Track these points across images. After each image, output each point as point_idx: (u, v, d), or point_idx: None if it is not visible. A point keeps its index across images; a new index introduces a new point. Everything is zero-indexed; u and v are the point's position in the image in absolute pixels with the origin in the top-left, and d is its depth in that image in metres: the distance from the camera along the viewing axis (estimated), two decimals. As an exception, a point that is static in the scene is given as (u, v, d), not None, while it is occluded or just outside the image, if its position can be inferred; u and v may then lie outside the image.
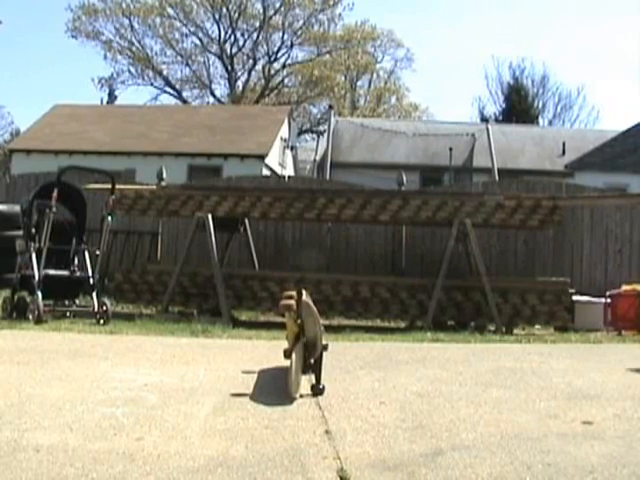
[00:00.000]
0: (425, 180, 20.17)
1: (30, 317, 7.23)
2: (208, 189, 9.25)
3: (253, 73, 39.59)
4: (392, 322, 8.94)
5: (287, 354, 3.93)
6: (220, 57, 38.71)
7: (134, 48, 37.64)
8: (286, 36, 38.25)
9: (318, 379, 3.95)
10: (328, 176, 19.89)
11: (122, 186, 9.10)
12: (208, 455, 2.79)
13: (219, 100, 38.02)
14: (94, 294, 7.72)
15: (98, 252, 8.06)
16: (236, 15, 37.86)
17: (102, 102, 36.49)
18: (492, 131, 22.68)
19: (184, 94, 38.83)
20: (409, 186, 11.42)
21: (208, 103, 37.43)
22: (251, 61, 39.02)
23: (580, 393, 4.15)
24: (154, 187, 9.46)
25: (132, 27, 37.31)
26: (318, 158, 22.64)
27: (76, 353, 5.26)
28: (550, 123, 37.21)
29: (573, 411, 3.65)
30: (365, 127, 24.14)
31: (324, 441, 3.03)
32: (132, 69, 37.97)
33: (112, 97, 38.75)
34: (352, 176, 17.08)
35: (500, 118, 34.20)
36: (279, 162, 22.61)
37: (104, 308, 7.59)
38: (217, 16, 37.95)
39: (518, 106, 34.30)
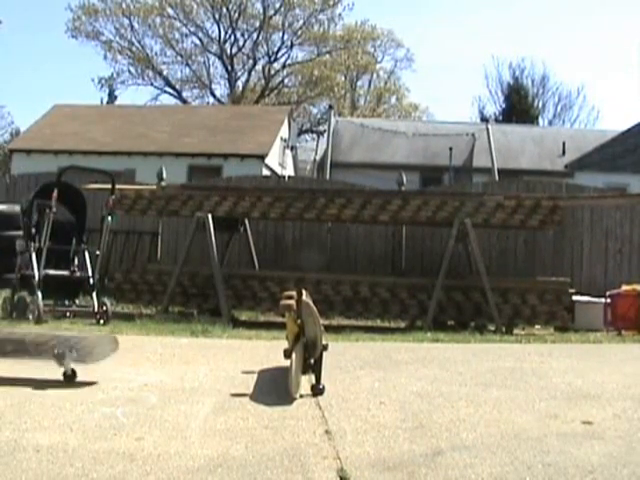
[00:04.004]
0: (425, 180, 20.15)
1: (30, 317, 7.24)
2: (208, 189, 9.25)
3: (253, 73, 39.59)
4: (392, 322, 8.95)
5: (287, 354, 3.93)
6: (220, 57, 38.70)
7: (134, 48, 37.62)
8: (286, 36, 38.25)
9: (318, 379, 3.95)
10: (328, 176, 19.87)
11: (122, 186, 9.10)
12: (208, 455, 2.79)
13: (219, 100, 38.01)
14: (94, 294, 7.73)
15: (98, 252, 8.06)
16: (236, 15, 37.83)
17: (102, 102, 36.51)
18: (492, 131, 22.66)
19: (184, 94, 38.83)
20: (409, 186, 11.41)
21: (208, 103, 37.42)
22: (251, 61, 39.00)
23: (580, 393, 4.15)
24: (154, 187, 9.46)
25: (132, 27, 37.29)
26: (318, 158, 22.63)
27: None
28: (550, 123, 37.19)
29: (573, 411, 3.65)
30: (365, 127, 24.13)
31: (324, 441, 3.03)
32: (132, 69, 37.95)
33: (112, 97, 38.72)
34: (352, 176, 17.05)
35: (500, 118, 34.17)
36: (279, 162, 22.60)
37: (104, 308, 7.60)
38: (217, 16, 37.93)
39: (518, 106, 34.28)
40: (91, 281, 7.87)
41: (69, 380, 3.95)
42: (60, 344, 4.07)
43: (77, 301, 8.09)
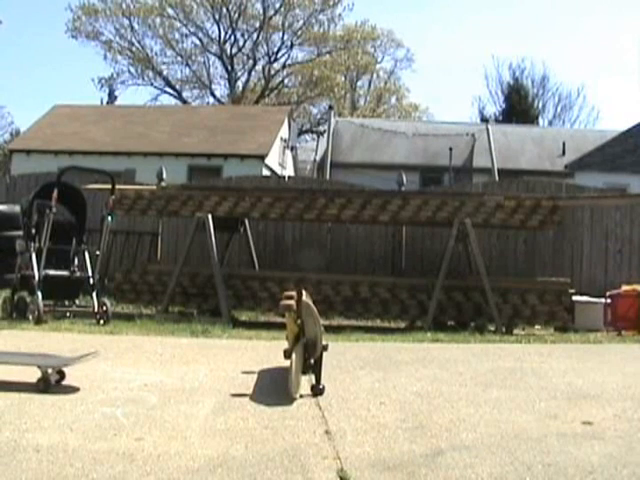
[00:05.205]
0: (425, 180, 20.17)
1: (30, 317, 7.23)
2: (208, 189, 9.25)
3: (253, 73, 39.59)
4: (392, 322, 8.94)
5: (287, 354, 3.93)
6: (220, 57, 38.70)
7: (134, 48, 37.61)
8: (286, 36, 38.25)
9: (318, 379, 3.95)
10: (328, 176, 19.88)
11: (122, 186, 9.10)
12: (208, 455, 2.79)
13: (219, 100, 38.01)
14: (94, 294, 7.73)
15: (98, 252, 8.06)
16: (236, 15, 37.84)
17: (102, 102, 36.54)
18: (492, 131, 22.67)
19: (184, 94, 38.83)
20: (409, 186, 11.41)
21: (208, 103, 37.42)
22: (251, 61, 39.00)
23: (580, 393, 4.15)
24: (154, 187, 9.46)
25: (132, 27, 37.28)
26: (318, 158, 22.63)
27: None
28: (550, 123, 37.21)
29: (573, 411, 3.65)
30: (365, 127, 24.14)
31: (324, 441, 3.03)
32: (132, 69, 37.97)
33: (112, 97, 38.75)
34: (352, 176, 17.07)
35: (500, 118, 34.20)
36: (279, 162, 22.59)
37: (104, 308, 7.59)
38: (217, 16, 37.93)
39: (518, 106, 34.30)
40: (91, 281, 7.87)
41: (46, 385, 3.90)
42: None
43: (77, 301, 8.08)
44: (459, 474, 2.63)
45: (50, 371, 3.91)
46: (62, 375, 4.00)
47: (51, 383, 3.88)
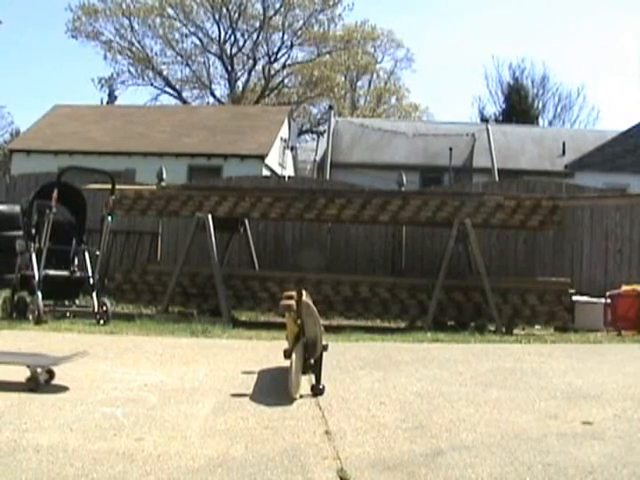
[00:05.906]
0: (425, 180, 20.17)
1: (30, 317, 7.23)
2: (208, 189, 9.24)
3: (253, 73, 39.62)
4: (392, 322, 8.94)
5: (287, 354, 3.94)
6: (220, 57, 38.71)
7: (134, 48, 37.63)
8: (286, 36, 38.29)
9: (318, 379, 3.95)
10: (328, 176, 19.89)
11: (122, 186, 9.10)
12: (208, 455, 2.79)
13: (219, 100, 38.02)
14: (94, 294, 7.73)
15: (98, 252, 8.06)
16: (236, 15, 37.86)
17: (102, 102, 36.55)
18: (492, 131, 22.68)
19: (184, 94, 38.85)
20: (409, 186, 11.41)
21: (208, 103, 37.44)
22: (251, 61, 39.02)
23: (580, 393, 4.15)
24: (154, 187, 9.46)
25: (132, 27, 37.32)
26: (318, 158, 22.62)
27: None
28: (550, 123, 37.21)
29: (573, 411, 3.65)
30: (365, 127, 24.14)
31: (324, 441, 3.03)
32: (132, 69, 37.99)
33: (112, 97, 38.76)
34: (352, 176, 17.08)
35: (500, 118, 34.20)
36: (279, 162, 22.60)
37: (104, 308, 7.60)
38: (217, 16, 37.95)
39: (518, 106, 34.29)
40: (91, 281, 7.87)
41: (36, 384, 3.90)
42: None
43: (77, 301, 8.09)
44: (459, 474, 2.63)
45: (39, 370, 3.91)
46: (51, 374, 4.00)
47: (40, 382, 3.88)
